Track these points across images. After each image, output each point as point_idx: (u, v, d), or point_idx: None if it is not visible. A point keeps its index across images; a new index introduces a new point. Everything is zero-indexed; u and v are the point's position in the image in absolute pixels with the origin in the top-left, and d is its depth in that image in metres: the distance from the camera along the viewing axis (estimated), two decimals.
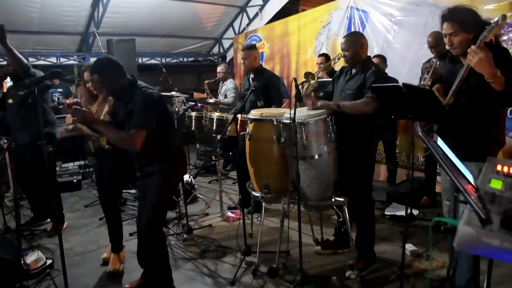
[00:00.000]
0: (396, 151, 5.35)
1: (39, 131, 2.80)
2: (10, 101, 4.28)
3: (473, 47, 2.26)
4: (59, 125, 4.70)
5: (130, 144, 2.73)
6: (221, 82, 6.76)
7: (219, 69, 6.74)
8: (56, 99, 6.73)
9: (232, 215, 4.80)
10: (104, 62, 2.87)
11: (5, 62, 7.27)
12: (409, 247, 3.59)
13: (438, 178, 4.75)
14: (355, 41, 3.22)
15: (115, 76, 2.84)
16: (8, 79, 4.47)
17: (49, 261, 3.63)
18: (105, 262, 3.70)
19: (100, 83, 2.88)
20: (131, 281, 3.27)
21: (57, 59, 8.23)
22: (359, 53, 3.20)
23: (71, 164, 6.59)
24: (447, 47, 2.63)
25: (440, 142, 1.89)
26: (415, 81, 4.27)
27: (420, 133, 1.84)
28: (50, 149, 2.79)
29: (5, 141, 5.37)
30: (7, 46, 3.74)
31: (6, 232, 4.34)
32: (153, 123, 2.78)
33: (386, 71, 4.90)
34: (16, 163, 4.45)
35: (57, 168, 6.15)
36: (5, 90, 4.50)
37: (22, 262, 3.32)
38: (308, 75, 3.42)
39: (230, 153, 6.92)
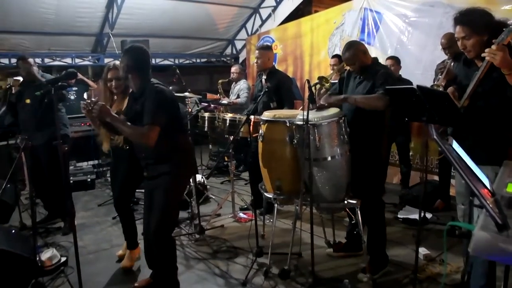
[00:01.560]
0: (410, 153, 5.31)
1: (54, 131, 2.83)
2: (28, 101, 4.35)
3: (493, 46, 2.23)
4: (72, 125, 4.76)
5: (145, 139, 2.72)
6: (234, 83, 6.78)
7: (233, 69, 6.76)
8: (71, 97, 6.83)
9: (244, 216, 4.81)
10: (139, 48, 2.89)
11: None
12: (422, 250, 3.56)
13: (452, 181, 4.71)
14: (357, 52, 3.23)
15: (142, 68, 2.86)
16: (21, 79, 4.55)
17: (63, 259, 3.69)
18: (120, 259, 3.75)
19: (125, 70, 2.86)
20: (140, 281, 3.31)
21: (72, 59, 8.31)
22: (364, 61, 3.22)
23: (85, 163, 6.66)
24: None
25: (455, 145, 1.88)
26: (429, 83, 4.22)
27: (435, 136, 1.83)
28: (66, 148, 2.82)
29: (22, 140, 5.46)
30: None
31: (22, 229, 4.41)
32: (163, 120, 2.76)
33: (400, 73, 4.91)
34: (30, 163, 4.51)
35: (71, 167, 6.23)
36: (13, 92, 4.56)
37: (37, 259, 3.37)
38: (321, 79, 3.44)
39: (242, 154, 6.94)
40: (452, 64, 3.89)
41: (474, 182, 1.56)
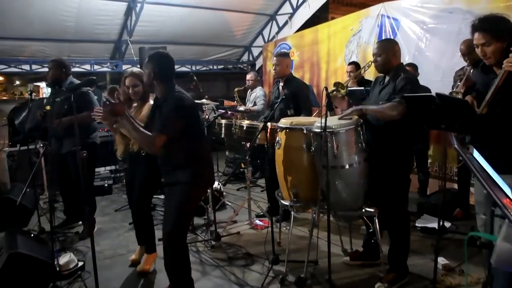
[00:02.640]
0: (428, 161, 5.24)
1: (81, 139, 2.87)
2: (48, 107, 4.42)
3: (511, 55, 2.20)
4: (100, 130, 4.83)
5: (149, 146, 2.75)
6: (250, 90, 6.80)
7: (248, 76, 6.79)
8: None
9: (260, 223, 4.80)
10: (165, 56, 2.93)
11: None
12: (441, 260, 3.50)
13: (472, 190, 4.63)
14: (388, 48, 3.18)
15: (166, 75, 2.88)
16: (44, 85, 4.63)
17: (80, 263, 3.73)
18: (133, 264, 3.79)
19: (150, 77, 2.86)
20: None
21: (91, 66, 8.44)
22: (391, 60, 3.15)
23: (102, 168, 6.74)
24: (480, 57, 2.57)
25: (476, 154, 1.85)
26: (447, 90, 4.17)
27: (455, 145, 1.81)
28: (84, 154, 2.85)
29: (41, 145, 5.57)
30: None
31: (40, 233, 4.47)
32: (177, 129, 2.75)
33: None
34: (58, 170, 4.57)
35: None
36: (41, 96, 4.65)
37: (55, 263, 3.42)
38: (338, 85, 3.42)
39: (258, 161, 6.94)
40: (471, 71, 3.85)
41: (495, 191, 1.53)
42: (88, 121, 4.13)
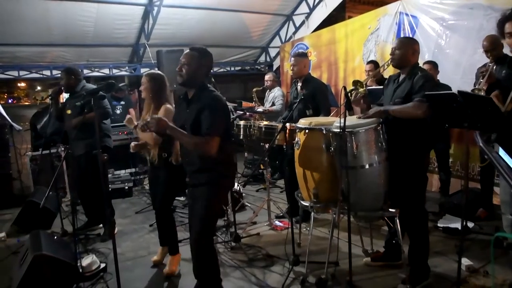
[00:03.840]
0: (450, 160, 5.16)
1: (94, 142, 2.90)
2: (69, 111, 4.51)
3: None
4: (114, 133, 4.89)
5: (206, 150, 2.68)
6: (268, 90, 6.80)
7: (267, 77, 6.79)
8: (118, 111, 7.03)
9: (280, 224, 4.78)
10: (209, 52, 2.88)
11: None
12: (465, 261, 3.42)
13: (495, 189, 4.54)
14: (409, 44, 3.17)
15: (205, 67, 2.85)
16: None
17: (102, 265, 3.77)
18: (155, 265, 3.82)
19: (189, 64, 2.79)
20: None
21: (109, 70, 8.56)
22: (408, 57, 3.13)
23: (122, 171, 6.81)
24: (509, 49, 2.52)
25: (502, 152, 1.81)
26: (469, 88, 4.09)
27: (481, 144, 1.77)
28: (105, 157, 2.88)
29: (63, 149, 5.67)
30: None
31: (63, 235, 4.55)
32: (223, 128, 2.74)
33: (438, 78, 4.79)
34: (75, 172, 4.65)
35: (110, 175, 6.38)
36: (62, 100, 4.73)
37: (78, 264, 3.46)
38: (356, 83, 3.38)
39: (277, 162, 6.93)
40: (494, 67, 3.77)
41: None
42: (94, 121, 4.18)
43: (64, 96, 5.15)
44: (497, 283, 3.16)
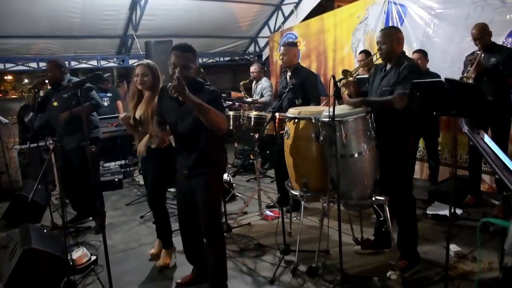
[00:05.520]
0: (438, 148, 5.20)
1: (83, 134, 2.88)
2: (55, 103, 4.44)
3: None
4: (102, 125, 4.84)
5: (224, 123, 2.75)
6: (255, 82, 6.78)
7: (252, 69, 6.77)
8: (105, 103, 6.95)
9: (271, 213, 4.80)
10: (192, 47, 2.86)
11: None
12: (453, 247, 3.47)
13: (483, 176, 4.59)
14: (392, 35, 3.16)
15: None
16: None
17: (93, 257, 3.76)
18: (152, 258, 3.80)
19: (192, 66, 2.80)
20: (183, 277, 3.32)
21: (97, 62, 8.47)
22: (395, 48, 3.14)
23: (112, 163, 6.77)
24: None
25: (487, 138, 1.83)
26: (457, 76, 4.12)
27: (465, 130, 1.79)
28: (93, 149, 2.86)
29: (51, 142, 5.61)
30: None
31: (53, 229, 4.52)
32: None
33: (427, 66, 4.81)
34: (63, 166, 4.60)
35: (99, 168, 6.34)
36: (41, 95, 4.64)
37: (68, 257, 3.45)
38: (346, 72, 3.38)
39: (267, 152, 6.93)
40: (482, 55, 3.79)
41: (508, 176, 1.51)
42: (82, 115, 4.12)
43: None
44: (484, 267, 3.21)
